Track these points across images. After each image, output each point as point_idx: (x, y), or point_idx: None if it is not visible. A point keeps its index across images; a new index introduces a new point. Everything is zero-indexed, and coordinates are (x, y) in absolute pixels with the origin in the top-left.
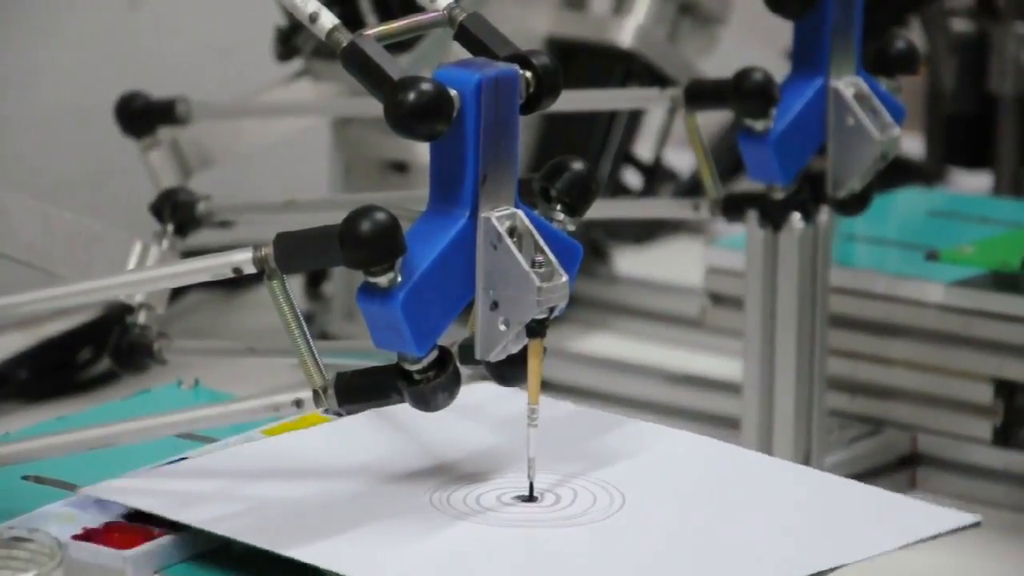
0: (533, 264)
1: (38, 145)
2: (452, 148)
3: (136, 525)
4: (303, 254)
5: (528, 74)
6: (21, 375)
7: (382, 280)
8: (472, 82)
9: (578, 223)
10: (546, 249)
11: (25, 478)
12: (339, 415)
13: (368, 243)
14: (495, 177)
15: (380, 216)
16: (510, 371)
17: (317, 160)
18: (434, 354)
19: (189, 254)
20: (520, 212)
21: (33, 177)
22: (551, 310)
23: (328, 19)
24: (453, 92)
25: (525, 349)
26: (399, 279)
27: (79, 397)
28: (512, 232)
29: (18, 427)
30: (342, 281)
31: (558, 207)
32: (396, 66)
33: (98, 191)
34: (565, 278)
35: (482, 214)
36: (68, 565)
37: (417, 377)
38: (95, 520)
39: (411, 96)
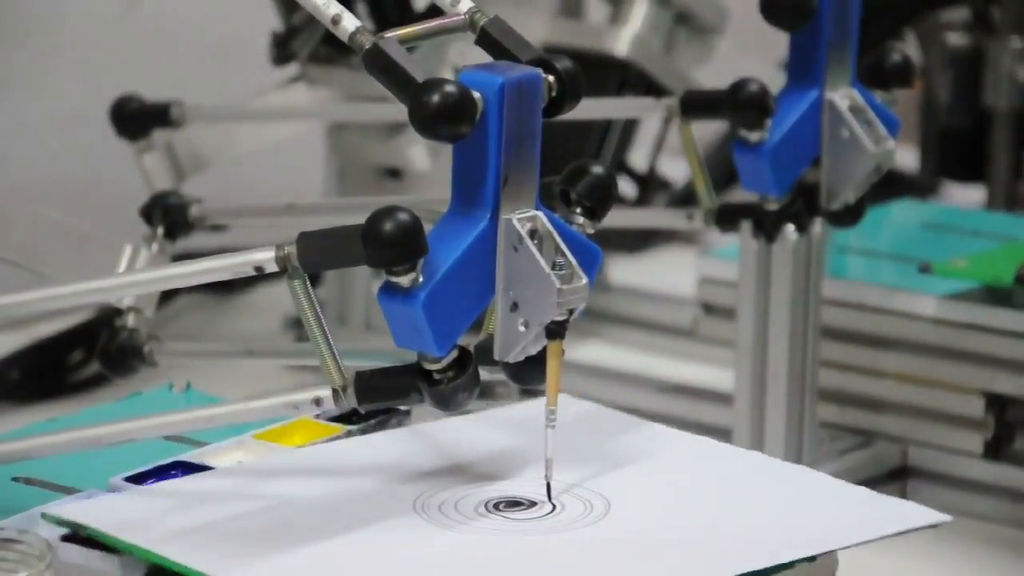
0: (553, 266)
1: (31, 146)
2: (475, 150)
3: None
4: (325, 253)
5: (551, 78)
6: (12, 376)
7: (404, 280)
8: (496, 85)
9: (597, 227)
10: (566, 251)
11: (15, 479)
12: (335, 420)
13: (391, 243)
14: (516, 179)
15: (403, 216)
16: (527, 372)
17: (312, 165)
18: (454, 354)
19: (179, 258)
20: (541, 214)
21: (24, 178)
22: (571, 312)
23: (351, 22)
24: (477, 95)
25: (543, 351)
26: (421, 279)
27: (70, 399)
28: (533, 234)
29: (9, 428)
30: (335, 286)
31: (578, 210)
32: (419, 68)
33: (90, 193)
34: (585, 280)
35: (503, 216)
36: (58, 567)
37: (437, 377)
38: None
39: (435, 98)
